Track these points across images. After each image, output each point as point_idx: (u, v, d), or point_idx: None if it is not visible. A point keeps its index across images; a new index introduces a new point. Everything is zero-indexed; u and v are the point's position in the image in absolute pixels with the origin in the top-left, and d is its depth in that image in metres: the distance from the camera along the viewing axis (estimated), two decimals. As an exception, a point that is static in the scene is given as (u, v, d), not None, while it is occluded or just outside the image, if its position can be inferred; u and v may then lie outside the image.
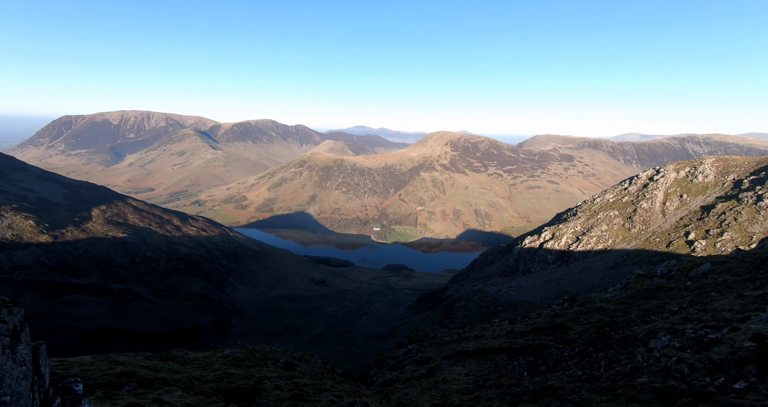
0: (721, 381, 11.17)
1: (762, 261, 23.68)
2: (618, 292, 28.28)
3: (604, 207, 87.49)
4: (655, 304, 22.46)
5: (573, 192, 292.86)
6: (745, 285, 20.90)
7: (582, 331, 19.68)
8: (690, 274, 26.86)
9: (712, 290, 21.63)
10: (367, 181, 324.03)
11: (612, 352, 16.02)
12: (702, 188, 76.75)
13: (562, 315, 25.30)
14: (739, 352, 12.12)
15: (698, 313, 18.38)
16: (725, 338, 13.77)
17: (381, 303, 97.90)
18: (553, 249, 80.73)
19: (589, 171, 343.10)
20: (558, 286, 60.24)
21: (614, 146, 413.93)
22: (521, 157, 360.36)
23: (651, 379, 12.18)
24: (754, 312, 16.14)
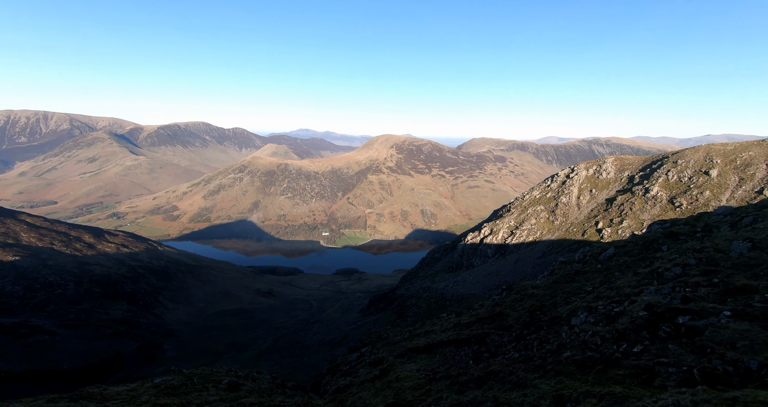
0: (624, 347, 13.22)
1: (650, 243, 28.52)
2: (546, 278, 31.70)
3: (532, 203, 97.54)
4: (575, 286, 25.64)
5: (506, 190, 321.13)
6: (639, 264, 24.98)
7: (518, 317, 21.60)
8: (600, 258, 31.23)
9: (615, 270, 25.42)
10: (314, 185, 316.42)
11: (542, 333, 17.91)
12: (606, 183, 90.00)
13: (501, 303, 27.50)
14: (636, 321, 14.46)
15: (606, 291, 21.49)
16: (626, 310, 16.33)
17: (333, 309, 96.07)
18: (492, 243, 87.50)
19: (519, 171, 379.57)
20: (497, 277, 65.39)
21: (538, 148, 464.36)
22: (461, 159, 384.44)
23: (573, 353, 13.91)
24: (646, 286, 19.39)
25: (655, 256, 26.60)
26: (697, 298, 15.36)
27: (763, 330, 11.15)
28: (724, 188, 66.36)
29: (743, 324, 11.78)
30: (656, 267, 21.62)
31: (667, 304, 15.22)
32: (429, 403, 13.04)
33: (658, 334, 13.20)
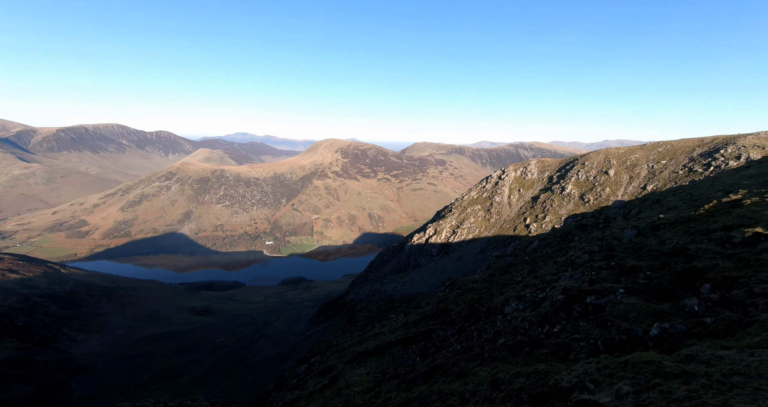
0: (546, 328, 14.94)
1: (566, 234, 32.64)
2: (483, 272, 34.23)
3: (470, 203, 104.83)
4: (507, 278, 28.15)
5: (448, 192, 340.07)
6: (558, 254, 28.40)
7: (460, 310, 22.97)
8: (527, 250, 34.78)
9: (540, 260, 28.54)
10: (255, 192, 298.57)
11: (480, 323, 19.33)
12: (531, 183, 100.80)
13: (445, 299, 28.95)
14: (555, 304, 16.46)
15: (532, 280, 24.04)
16: (548, 295, 18.49)
17: (280, 322, 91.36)
18: (437, 243, 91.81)
19: (458, 173, 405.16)
20: (442, 275, 68.71)
21: (474, 152, 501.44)
22: (405, 162, 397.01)
23: (506, 339, 15.29)
24: (563, 273, 22.13)
25: (569, 246, 30.55)
26: (600, 280, 18.03)
27: (645, 302, 13.55)
28: (620, 185, 79.04)
29: (632, 298, 14.17)
30: (570, 255, 24.82)
31: (578, 287, 17.59)
32: (378, 405, 13.18)
33: (572, 314, 15.21)
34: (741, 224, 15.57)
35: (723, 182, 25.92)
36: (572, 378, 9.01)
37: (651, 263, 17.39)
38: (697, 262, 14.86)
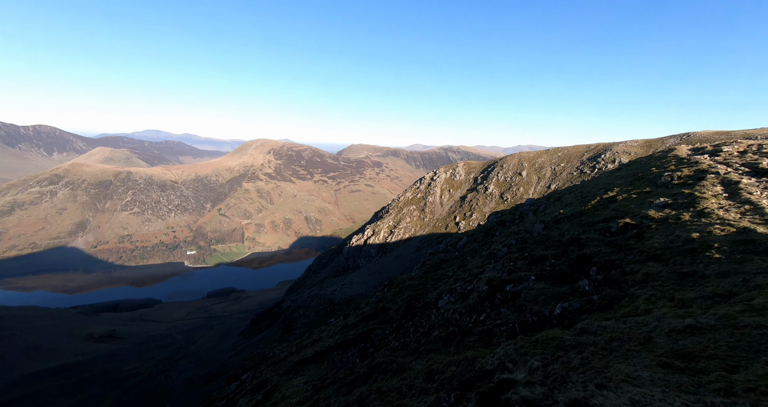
0: (474, 317, 16.29)
1: (489, 230, 36.04)
2: (419, 270, 35.81)
3: (406, 203, 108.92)
4: (440, 273, 29.93)
5: (385, 193, 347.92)
6: (483, 248, 31.20)
7: (398, 308, 23.61)
8: (457, 246, 37.46)
9: (468, 255, 30.98)
10: (173, 197, 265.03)
11: (417, 319, 20.19)
12: (459, 183, 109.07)
13: (383, 299, 29.48)
14: (481, 294, 18.06)
15: (462, 273, 25.98)
16: (475, 287, 20.19)
17: (205, 339, 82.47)
18: (375, 244, 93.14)
19: (394, 175, 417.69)
20: (381, 274, 69.93)
21: (408, 154, 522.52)
22: (342, 164, 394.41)
23: (440, 331, 16.25)
24: (487, 265, 24.38)
25: (492, 240, 33.86)
26: (516, 269, 20.34)
27: (551, 286, 15.72)
28: (531, 184, 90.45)
29: (541, 284, 16.31)
30: (493, 249, 27.50)
31: (499, 277, 19.59)
32: (317, 413, 12.79)
33: (495, 302, 16.88)
34: (616, 216, 19.11)
35: (603, 181, 31.51)
36: (495, 360, 9.97)
37: (554, 252, 20.26)
38: (587, 249, 17.77)
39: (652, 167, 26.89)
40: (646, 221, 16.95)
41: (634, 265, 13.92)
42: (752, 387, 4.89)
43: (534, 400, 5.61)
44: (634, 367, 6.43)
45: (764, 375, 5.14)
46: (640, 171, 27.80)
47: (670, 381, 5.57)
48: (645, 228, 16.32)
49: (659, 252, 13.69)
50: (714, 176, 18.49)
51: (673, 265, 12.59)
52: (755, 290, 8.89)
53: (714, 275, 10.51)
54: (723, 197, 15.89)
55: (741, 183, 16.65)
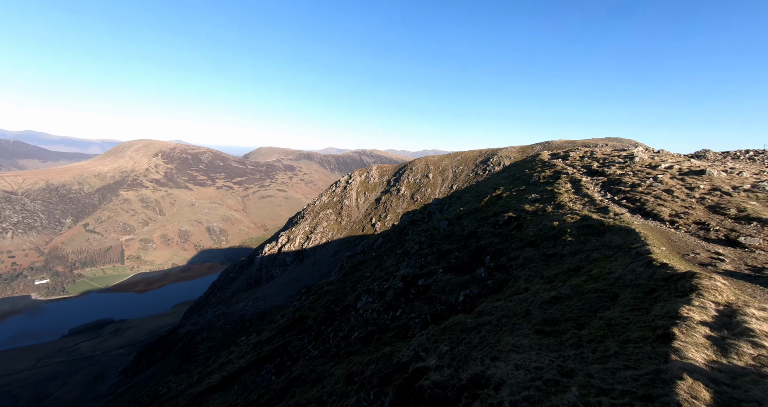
0: (391, 314, 16.99)
1: (402, 229, 38.14)
2: (337, 273, 35.52)
3: (322, 207, 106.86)
4: (359, 275, 30.29)
5: (299, 198, 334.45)
6: (397, 247, 32.83)
7: (317, 315, 22.91)
8: (374, 247, 38.52)
9: (384, 255, 32.15)
10: (10, 212, 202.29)
11: (337, 323, 19.96)
12: (374, 186, 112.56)
13: (301, 307, 28.24)
14: (397, 291, 18.96)
15: (379, 273, 26.83)
16: (391, 285, 21.09)
17: (68, 388, 65.08)
18: (291, 251, 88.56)
19: (309, 179, 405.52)
20: (298, 283, 66.87)
21: (322, 158, 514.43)
22: (249, 168, 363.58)
23: (359, 332, 16.42)
24: (402, 263, 25.75)
25: (405, 239, 35.93)
26: (427, 264, 22.04)
27: (456, 277, 17.55)
28: (437, 185, 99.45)
29: (448, 275, 18.07)
30: (406, 247, 29.20)
31: (413, 273, 20.91)
32: (228, 446, 11.42)
33: (409, 297, 17.95)
34: (502, 211, 22.51)
35: (492, 182, 36.80)
36: (410, 351, 10.57)
37: (458, 245, 22.69)
38: (483, 241, 20.44)
39: (526, 169, 32.62)
40: (523, 214, 20.42)
41: (516, 251, 16.61)
42: (593, 338, 6.36)
43: (443, 382, 6.15)
44: (518, 337, 7.66)
45: (599, 327, 6.75)
46: (518, 172, 33.42)
47: (542, 343, 6.84)
48: (523, 220, 19.65)
49: (533, 239, 16.65)
50: (565, 176, 23.48)
51: (543, 249, 15.49)
52: (593, 263, 11.62)
53: (568, 254, 13.34)
54: (572, 192, 20.33)
55: (582, 181, 21.57)
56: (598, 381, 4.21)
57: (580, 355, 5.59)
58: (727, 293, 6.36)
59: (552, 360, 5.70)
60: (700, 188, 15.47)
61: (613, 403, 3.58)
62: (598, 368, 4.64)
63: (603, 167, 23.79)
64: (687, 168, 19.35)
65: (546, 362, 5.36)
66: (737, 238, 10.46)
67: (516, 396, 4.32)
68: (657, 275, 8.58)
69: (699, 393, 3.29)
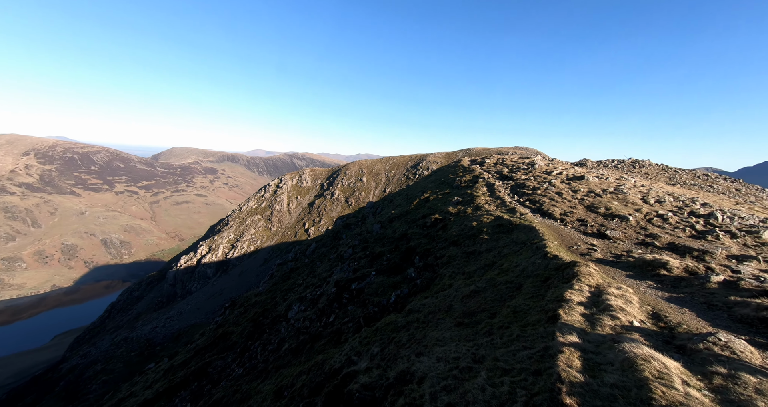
0: (324, 321, 16.64)
1: (336, 234, 37.71)
2: (267, 283, 33.39)
3: (250, 213, 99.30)
4: (290, 283, 28.96)
5: (222, 203, 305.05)
6: (331, 252, 32.35)
7: (242, 330, 21.16)
8: (307, 253, 37.28)
9: (317, 260, 31.36)
10: None
11: (265, 336, 18.72)
12: (306, 190, 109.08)
13: (225, 323, 25.76)
14: (330, 297, 18.65)
15: (312, 280, 26.05)
16: (324, 291, 20.66)
17: None
18: (212, 262, 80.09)
19: (233, 182, 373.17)
20: (222, 296, 60.82)
21: (249, 160, 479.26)
22: (160, 171, 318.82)
23: (290, 343, 15.66)
24: (335, 267, 25.46)
25: (339, 243, 35.62)
26: (361, 268, 22.20)
27: (388, 278, 18.05)
28: (370, 189, 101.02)
29: (380, 277, 18.47)
30: (340, 251, 28.96)
31: (346, 277, 20.83)
32: None
33: (343, 301, 17.82)
34: (430, 213, 23.99)
35: (421, 185, 38.95)
36: (342, 357, 10.50)
37: (390, 247, 23.37)
38: (413, 242, 21.45)
39: (450, 173, 35.35)
40: (448, 216, 22.06)
41: (442, 250, 17.86)
42: (501, 325, 7.20)
43: (371, 383, 6.27)
44: (441, 332, 8.24)
45: (507, 314, 7.68)
46: (443, 177, 36.01)
47: (461, 335, 7.49)
48: (447, 221, 21.22)
49: (456, 239, 18.10)
50: (482, 180, 26.14)
51: (464, 247, 16.95)
52: (504, 258, 13.16)
53: (484, 251, 14.86)
54: (487, 195, 22.72)
55: (495, 185, 24.28)
56: (502, 363, 4.78)
57: (490, 342, 6.26)
58: (597, 277, 7.82)
59: (468, 349, 6.28)
60: (581, 191, 18.78)
61: (513, 381, 4.12)
62: (504, 351, 5.26)
63: (511, 172, 27.16)
64: (572, 174, 23.29)
65: (463, 351, 5.87)
66: (605, 231, 12.97)
67: (435, 387, 4.64)
68: (550, 265, 10.12)
69: (573, 362, 4.00)
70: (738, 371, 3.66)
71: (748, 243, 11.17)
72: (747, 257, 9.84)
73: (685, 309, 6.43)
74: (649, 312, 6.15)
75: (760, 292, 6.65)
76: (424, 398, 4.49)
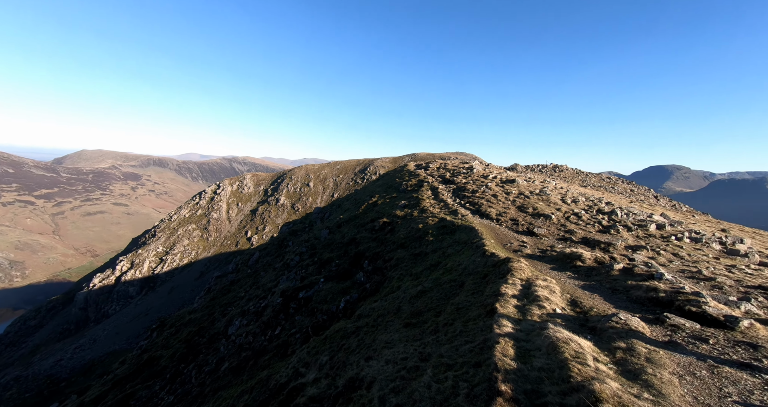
0: (269, 334, 15.71)
1: (282, 241, 36.03)
2: (203, 298, 30.50)
3: (182, 223, 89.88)
4: (231, 296, 26.85)
5: (148, 212, 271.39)
6: (276, 260, 30.81)
7: (173, 353, 19.00)
8: (249, 263, 34.96)
9: (261, 270, 29.61)
10: None
11: (201, 357, 17.02)
12: (249, 196, 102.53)
13: (151, 347, 22.87)
14: (275, 308, 17.70)
15: (256, 291, 24.47)
16: (269, 302, 19.54)
17: None
18: (136, 279, 70.57)
19: (161, 189, 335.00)
20: (148, 317, 53.89)
21: (180, 165, 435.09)
22: (65, 177, 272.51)
23: (230, 362, 14.45)
24: (281, 277, 24.28)
25: (285, 251, 34.06)
26: (308, 275, 21.49)
27: (337, 284, 17.75)
28: (318, 194, 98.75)
29: (329, 284, 18.09)
30: (286, 259, 27.71)
31: (293, 286, 19.97)
32: None
33: (290, 312, 17.03)
34: (378, 217, 24.26)
35: (369, 190, 39.25)
36: (289, 370, 10.01)
37: (338, 253, 23.04)
38: (362, 246, 21.45)
39: (396, 178, 36.25)
40: (395, 219, 22.53)
41: (390, 253, 18.15)
42: (446, 322, 7.55)
43: (320, 395, 6.08)
44: (390, 334, 8.34)
45: (451, 312, 8.08)
46: (390, 181, 36.78)
47: (409, 335, 7.67)
48: (395, 224, 21.67)
49: (403, 241, 18.56)
50: (427, 184, 27.30)
51: (411, 249, 17.45)
52: (448, 258, 13.85)
53: (430, 252, 15.48)
54: (432, 198, 23.77)
55: (439, 188, 25.53)
56: (447, 359, 5.00)
57: (436, 339, 6.52)
58: (527, 271, 8.65)
59: (415, 348, 6.45)
60: (513, 193, 20.68)
61: (456, 375, 4.33)
62: (448, 347, 5.52)
63: (453, 176, 28.83)
64: (505, 178, 25.55)
65: (410, 351, 6.02)
66: (533, 229, 14.43)
67: (384, 390, 4.68)
68: (488, 262, 10.92)
69: (507, 351, 4.36)
70: (634, 344, 4.34)
71: (640, 235, 13.35)
72: (639, 247, 11.76)
73: (596, 294, 7.44)
74: (568, 300, 6.98)
75: (648, 276, 7.98)
76: (373, 402, 4.49)
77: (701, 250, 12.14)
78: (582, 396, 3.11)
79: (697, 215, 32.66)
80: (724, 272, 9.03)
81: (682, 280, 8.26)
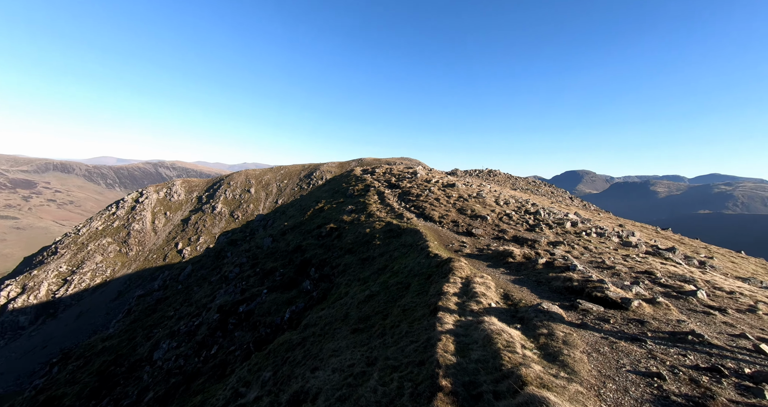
0: (204, 354, 14.28)
1: (219, 252, 33.23)
2: (121, 322, 26.65)
3: (94, 237, 77.51)
4: (157, 316, 23.86)
5: (46, 226, 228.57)
6: (213, 273, 28.27)
7: (81, 390, 16.23)
8: (180, 278, 31.51)
9: (194, 285, 26.89)
10: None
11: (119, 389, 14.78)
12: (179, 204, 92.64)
13: (51, 385, 19.23)
14: (211, 325, 16.16)
15: (188, 308, 22.11)
16: (204, 319, 17.80)
17: None
18: (29, 306, 58.64)
19: (65, 198, 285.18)
20: (47, 350, 45.18)
21: (90, 169, 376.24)
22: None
23: (156, 391, 12.79)
24: (218, 291, 22.34)
25: (223, 263, 31.44)
26: (250, 287, 20.12)
27: (282, 294, 16.91)
28: (260, 201, 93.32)
29: (273, 295, 17.15)
30: (224, 272, 25.59)
31: (232, 300, 18.50)
32: None
33: (228, 328, 15.72)
34: (324, 223, 23.79)
35: (315, 195, 38.34)
36: (227, 392, 9.22)
37: (283, 261, 22.00)
38: (308, 253, 20.77)
39: (343, 183, 36.01)
40: (342, 224, 22.32)
41: (338, 259, 17.89)
42: (393, 324, 7.68)
43: (262, 414, 5.71)
44: (337, 341, 8.20)
45: (397, 314, 8.24)
46: (337, 186, 36.39)
47: (357, 341, 7.63)
48: (342, 230, 21.46)
49: (351, 246, 18.46)
50: (373, 189, 27.61)
51: (359, 254, 17.43)
52: (395, 261, 14.13)
53: (378, 256, 15.64)
54: (379, 203, 24.10)
55: (385, 193, 26.01)
56: (392, 361, 5.08)
57: (383, 342, 6.58)
58: (467, 270, 9.23)
59: (362, 353, 6.43)
60: (453, 197, 21.98)
61: (401, 376, 4.42)
62: (394, 350, 5.61)
63: (399, 181, 29.63)
64: (446, 182, 27.05)
65: (357, 357, 5.98)
66: (471, 230, 15.48)
67: (330, 400, 4.57)
68: (432, 263, 11.40)
69: (448, 347, 4.59)
70: (553, 329, 4.91)
71: (558, 232, 15.17)
72: (558, 242, 13.36)
73: (524, 287, 8.25)
74: (502, 294, 7.62)
75: (565, 268, 9.09)
76: (319, 415, 4.36)
77: (605, 243, 14.25)
78: (511, 382, 3.41)
79: (602, 214, 38.27)
80: (620, 261, 10.70)
81: (591, 270, 9.59)
